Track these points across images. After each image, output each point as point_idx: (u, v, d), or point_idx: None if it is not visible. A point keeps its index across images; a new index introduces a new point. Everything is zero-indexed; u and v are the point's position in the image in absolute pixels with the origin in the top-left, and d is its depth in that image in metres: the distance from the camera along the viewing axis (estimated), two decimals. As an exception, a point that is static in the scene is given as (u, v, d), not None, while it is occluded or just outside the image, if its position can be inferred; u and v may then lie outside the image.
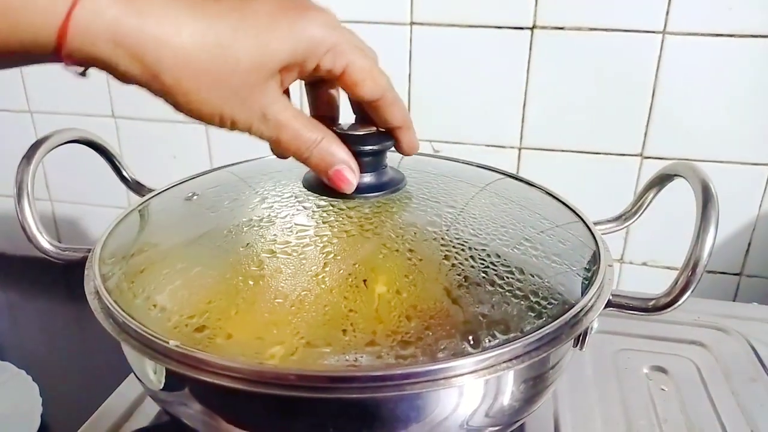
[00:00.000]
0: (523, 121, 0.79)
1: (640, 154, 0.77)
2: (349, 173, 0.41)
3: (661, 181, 0.50)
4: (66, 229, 1.02)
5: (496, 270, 0.40)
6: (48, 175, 0.98)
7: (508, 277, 0.40)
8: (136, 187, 0.58)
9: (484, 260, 0.40)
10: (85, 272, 0.43)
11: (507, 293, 0.39)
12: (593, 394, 0.57)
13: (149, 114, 0.89)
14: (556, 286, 0.40)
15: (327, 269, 0.39)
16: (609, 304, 0.41)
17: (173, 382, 0.40)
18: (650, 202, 0.52)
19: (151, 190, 0.57)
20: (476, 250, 0.41)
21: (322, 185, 0.43)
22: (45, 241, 0.47)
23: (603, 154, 0.79)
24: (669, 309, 0.39)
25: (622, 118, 0.76)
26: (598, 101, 0.76)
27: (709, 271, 0.81)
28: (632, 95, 0.75)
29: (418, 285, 0.38)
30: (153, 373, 0.41)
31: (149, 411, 0.55)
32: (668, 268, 0.83)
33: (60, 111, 0.93)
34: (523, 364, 0.35)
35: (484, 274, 0.39)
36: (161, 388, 0.41)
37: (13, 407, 0.64)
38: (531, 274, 0.40)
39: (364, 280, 0.38)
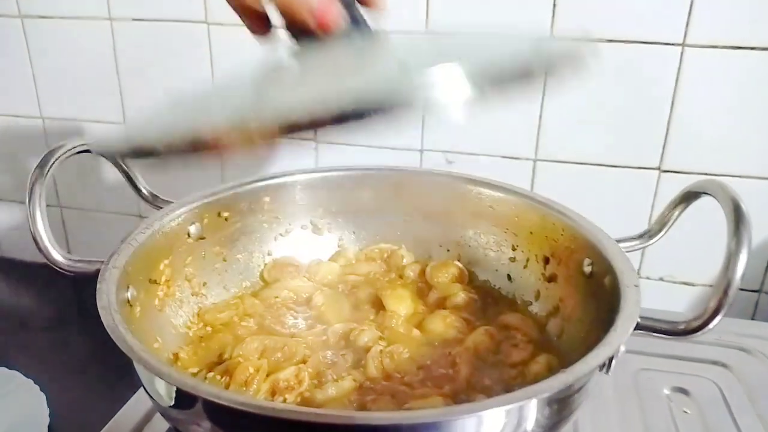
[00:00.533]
0: (538, 133, 0.77)
1: (658, 168, 0.76)
2: (333, 10, 0.41)
3: (687, 198, 0.49)
4: (76, 237, 1.01)
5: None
6: (57, 180, 0.97)
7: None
8: (152, 199, 0.57)
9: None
10: (98, 286, 0.42)
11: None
12: (614, 415, 0.56)
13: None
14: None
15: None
16: (637, 327, 0.40)
17: (184, 400, 0.39)
18: (675, 219, 0.51)
19: (166, 201, 0.57)
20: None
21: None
22: (57, 253, 0.46)
23: (620, 167, 0.77)
24: (700, 333, 0.38)
25: (640, 131, 0.74)
26: (616, 113, 0.74)
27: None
28: (651, 107, 0.73)
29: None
30: (164, 390, 0.40)
31: (160, 426, 0.54)
32: (685, 283, 0.81)
33: (71, 117, 0.92)
34: (550, 393, 0.33)
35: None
36: (171, 405, 0.40)
37: (20, 417, 0.63)
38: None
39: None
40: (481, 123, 0.78)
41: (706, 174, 0.73)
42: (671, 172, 0.75)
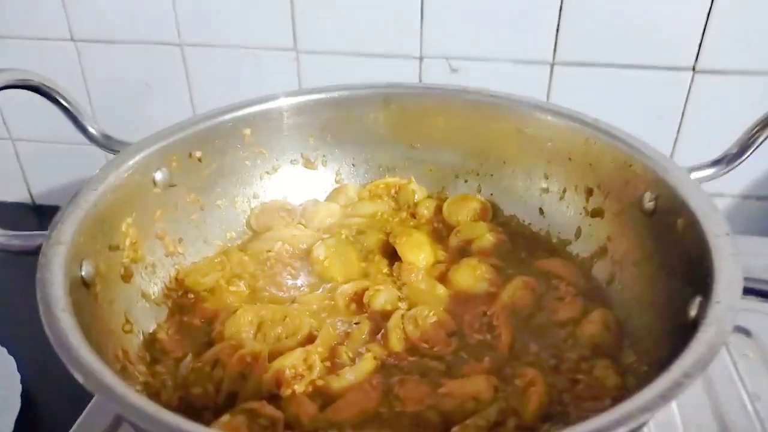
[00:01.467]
0: (558, 31, 0.67)
1: (693, 68, 0.66)
2: None
3: (784, 116, 0.40)
4: (35, 174, 0.90)
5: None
6: (4, 109, 0.85)
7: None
8: (103, 140, 0.47)
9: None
10: (38, 274, 0.32)
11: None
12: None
13: (115, 35, 0.75)
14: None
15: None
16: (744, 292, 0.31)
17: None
18: (762, 141, 0.42)
19: (122, 143, 0.46)
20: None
21: None
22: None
23: (649, 68, 0.68)
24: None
25: (673, 25, 0.65)
26: (646, 5, 0.64)
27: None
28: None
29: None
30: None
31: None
32: (714, 195, 0.74)
33: (12, 35, 0.79)
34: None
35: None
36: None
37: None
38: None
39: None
40: (490, 22, 0.68)
41: (746, 73, 0.66)
42: (707, 72, 0.67)
